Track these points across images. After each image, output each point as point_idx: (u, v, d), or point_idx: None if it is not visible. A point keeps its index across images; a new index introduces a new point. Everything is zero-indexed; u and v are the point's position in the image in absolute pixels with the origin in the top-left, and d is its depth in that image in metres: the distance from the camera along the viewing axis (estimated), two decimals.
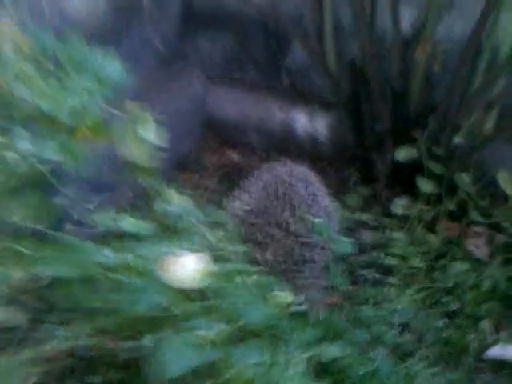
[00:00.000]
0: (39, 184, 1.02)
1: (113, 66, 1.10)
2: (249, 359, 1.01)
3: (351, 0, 2.20)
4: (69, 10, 1.91)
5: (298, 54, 2.53)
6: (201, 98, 2.60)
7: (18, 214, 1.00)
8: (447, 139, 2.22)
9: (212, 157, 2.64)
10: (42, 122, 0.97)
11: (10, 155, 0.90)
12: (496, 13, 2.09)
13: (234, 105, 2.70)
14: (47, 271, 1.03)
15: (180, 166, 2.43)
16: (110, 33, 2.02)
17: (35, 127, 0.99)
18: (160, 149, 1.20)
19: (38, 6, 1.75)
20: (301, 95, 2.64)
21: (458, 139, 2.21)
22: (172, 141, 1.33)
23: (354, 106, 2.39)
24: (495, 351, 1.77)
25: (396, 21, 2.20)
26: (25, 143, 0.92)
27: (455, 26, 2.24)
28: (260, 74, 2.68)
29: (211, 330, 0.98)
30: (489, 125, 2.26)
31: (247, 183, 1.83)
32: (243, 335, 1.04)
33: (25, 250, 1.02)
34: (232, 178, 2.46)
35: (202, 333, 0.97)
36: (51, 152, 0.96)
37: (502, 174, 2.18)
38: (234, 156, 2.67)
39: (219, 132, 2.71)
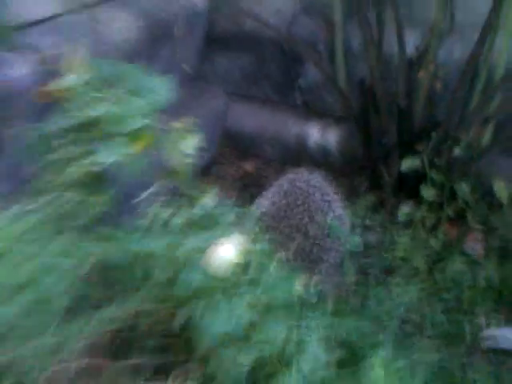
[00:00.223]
0: (98, 183, 1.21)
1: (161, 90, 1.30)
2: (277, 325, 1.17)
3: (361, 25, 2.30)
4: (107, 37, 2.10)
5: (311, 73, 2.62)
6: (222, 113, 2.63)
7: (77, 208, 1.19)
8: (448, 151, 2.30)
9: (230, 168, 2.69)
10: (108, 137, 1.17)
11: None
12: (492, 38, 2.18)
13: (250, 119, 2.76)
14: (96, 258, 1.20)
15: (200, 177, 2.41)
16: (142, 56, 2.17)
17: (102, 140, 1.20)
18: (199, 151, 1.38)
19: (82, 33, 1.95)
20: (313, 111, 2.68)
21: (457, 151, 2.28)
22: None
23: (363, 122, 2.45)
24: (489, 332, 1.87)
25: (401, 45, 2.30)
26: (100, 155, 1.12)
27: (455, 50, 2.34)
28: (275, 92, 2.74)
29: (253, 298, 1.15)
30: (486, 138, 2.35)
31: (269, 192, 1.93)
32: (272, 307, 1.21)
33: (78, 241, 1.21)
34: (250, 188, 2.52)
35: (246, 299, 1.13)
36: (114, 159, 1.17)
37: (498, 183, 2.25)
38: (251, 167, 2.73)
39: (237, 145, 2.76)
